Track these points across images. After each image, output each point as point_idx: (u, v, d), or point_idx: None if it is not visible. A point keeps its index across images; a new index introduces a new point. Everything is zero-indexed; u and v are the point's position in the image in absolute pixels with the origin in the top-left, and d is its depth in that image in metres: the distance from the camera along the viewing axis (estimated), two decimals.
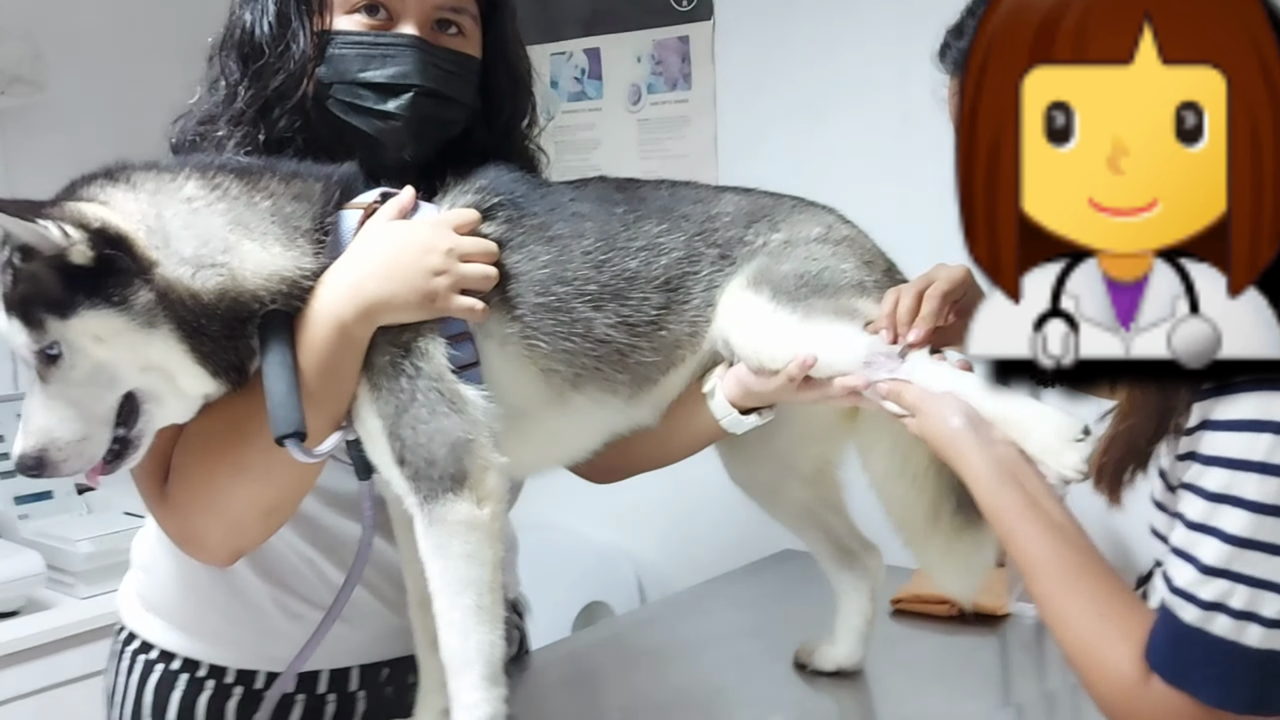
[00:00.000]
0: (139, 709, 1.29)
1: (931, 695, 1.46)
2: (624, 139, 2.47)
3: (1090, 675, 0.89)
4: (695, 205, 1.26)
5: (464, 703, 1.10)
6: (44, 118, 2.35)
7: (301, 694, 1.28)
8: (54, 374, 1.03)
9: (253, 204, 1.10)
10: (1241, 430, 0.80)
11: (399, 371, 1.10)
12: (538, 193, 1.23)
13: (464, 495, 1.09)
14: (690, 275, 1.22)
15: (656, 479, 1.41)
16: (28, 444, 1.03)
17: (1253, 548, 0.80)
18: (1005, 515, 0.97)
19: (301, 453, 1.05)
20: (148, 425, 1.07)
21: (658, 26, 2.40)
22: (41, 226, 0.99)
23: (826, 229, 1.26)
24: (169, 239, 1.05)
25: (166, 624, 1.30)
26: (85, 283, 1.01)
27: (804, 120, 2.21)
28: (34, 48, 2.41)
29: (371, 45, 1.19)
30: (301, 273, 1.09)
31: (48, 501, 2.37)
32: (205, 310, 1.05)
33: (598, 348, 1.18)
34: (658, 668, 1.61)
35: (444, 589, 1.10)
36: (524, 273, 1.17)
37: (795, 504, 1.42)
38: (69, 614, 2.13)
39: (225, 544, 1.16)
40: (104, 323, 1.02)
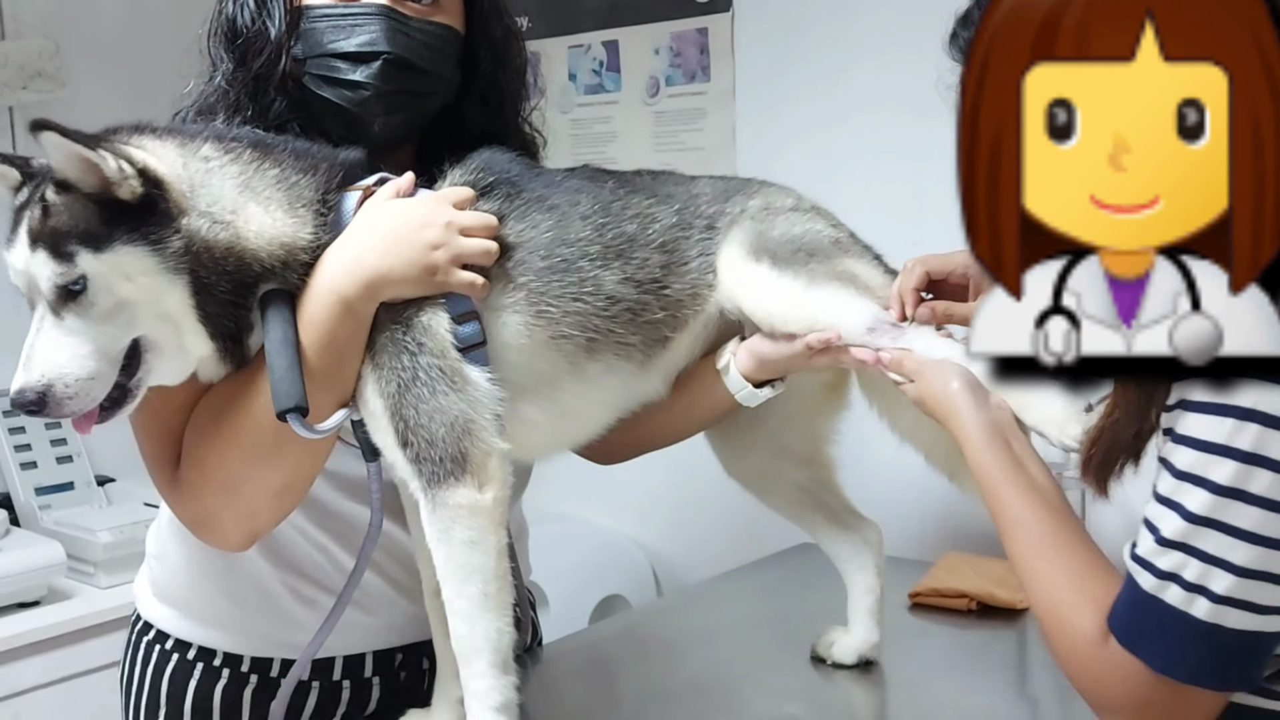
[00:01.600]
0: (155, 698, 1.31)
1: (948, 688, 1.45)
2: (641, 131, 2.47)
3: (1054, 633, 0.92)
4: (676, 186, 1.30)
5: (474, 691, 1.11)
6: (64, 113, 2.34)
7: (316, 681, 1.29)
8: (71, 309, 1.03)
9: (262, 171, 1.12)
10: (1212, 413, 0.81)
11: (401, 349, 1.10)
12: (532, 171, 1.25)
13: (465, 480, 1.10)
14: (684, 240, 1.25)
15: (672, 471, 1.42)
16: (31, 378, 1.02)
17: (1210, 526, 0.82)
18: (990, 473, 1.01)
19: (303, 428, 1.06)
20: (146, 376, 1.08)
21: (676, 19, 2.39)
22: (99, 156, 1.01)
23: (796, 200, 1.31)
24: (194, 190, 1.08)
25: (180, 613, 1.31)
26: (123, 220, 1.03)
27: (823, 113, 2.20)
28: (54, 43, 2.44)
29: (341, 17, 1.20)
30: (300, 243, 1.11)
31: (68, 492, 2.39)
32: (216, 266, 1.06)
33: (609, 306, 1.19)
34: (673, 659, 1.61)
35: (450, 576, 1.11)
36: (526, 240, 1.18)
37: (791, 487, 1.43)
38: (89, 603, 2.15)
39: (239, 527, 1.17)
40: (137, 261, 1.04)
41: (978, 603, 1.68)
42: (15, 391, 1.03)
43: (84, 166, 1.02)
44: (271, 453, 1.11)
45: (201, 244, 1.06)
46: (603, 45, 2.51)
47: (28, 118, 1.04)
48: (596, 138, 2.53)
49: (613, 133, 2.52)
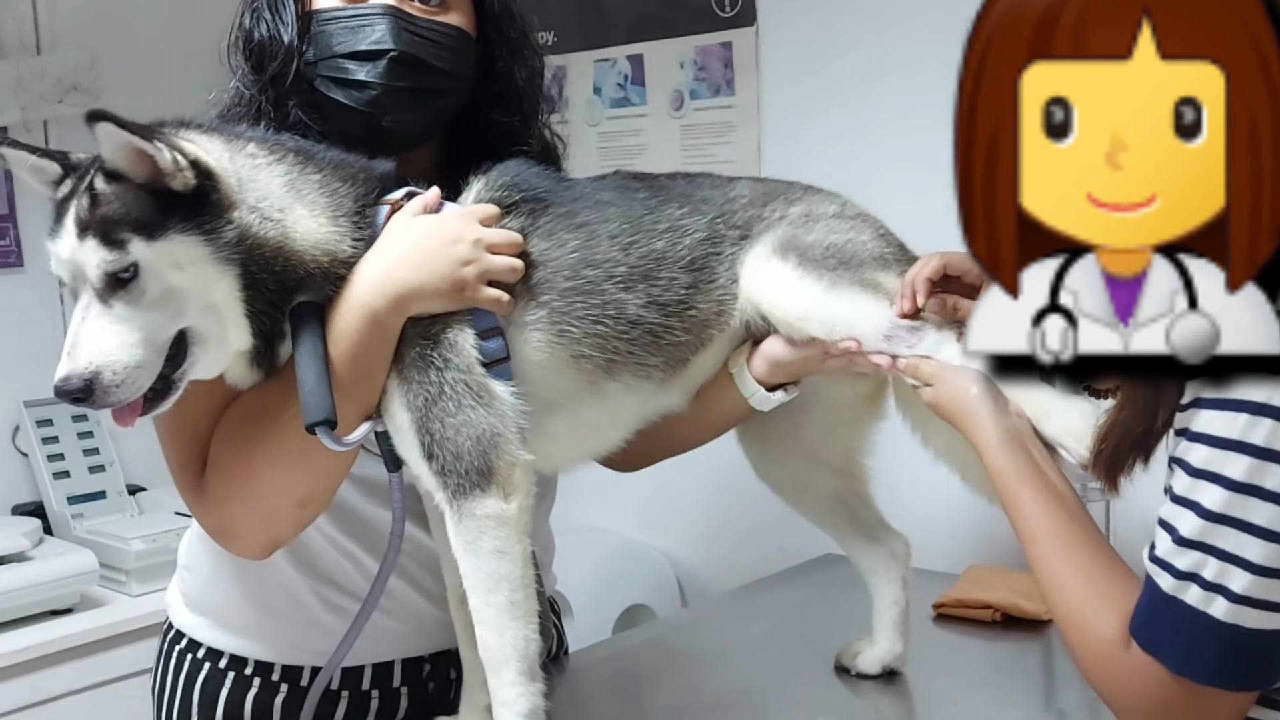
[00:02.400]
0: (187, 707, 1.32)
1: (974, 701, 1.45)
2: (667, 145, 2.47)
3: (1075, 639, 0.92)
4: (713, 190, 1.29)
5: (503, 699, 1.11)
6: None
7: (345, 690, 1.30)
8: (120, 297, 1.03)
9: (306, 175, 1.14)
10: (1225, 409, 0.81)
11: (428, 364, 1.12)
12: (560, 185, 1.25)
13: (491, 491, 1.11)
14: (714, 255, 1.24)
15: (697, 482, 1.42)
16: (77, 365, 1.00)
17: (1227, 523, 0.82)
18: (1010, 480, 1.02)
19: (332, 441, 1.07)
20: (190, 369, 1.08)
21: (701, 33, 2.39)
22: (155, 148, 1.02)
23: (841, 206, 1.30)
24: (242, 185, 1.09)
25: (211, 621, 1.32)
26: (176, 210, 1.04)
27: (849, 126, 2.21)
28: (89, 57, 2.47)
29: (348, 19, 1.21)
30: (341, 254, 1.12)
31: (100, 501, 2.42)
32: (266, 264, 1.08)
33: (630, 330, 1.19)
34: (699, 670, 1.61)
35: (476, 586, 1.12)
36: (552, 259, 1.19)
37: (823, 496, 1.43)
38: (121, 611, 2.18)
39: (260, 536, 1.18)
40: (190, 250, 1.05)
41: (1002, 614, 1.68)
42: (60, 379, 1.01)
43: (137, 157, 1.03)
44: (297, 463, 1.12)
45: (253, 238, 1.07)
46: (628, 59, 2.52)
47: (63, 131, 1.06)
48: (624, 150, 2.54)
49: (640, 145, 2.53)
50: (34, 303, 2.50)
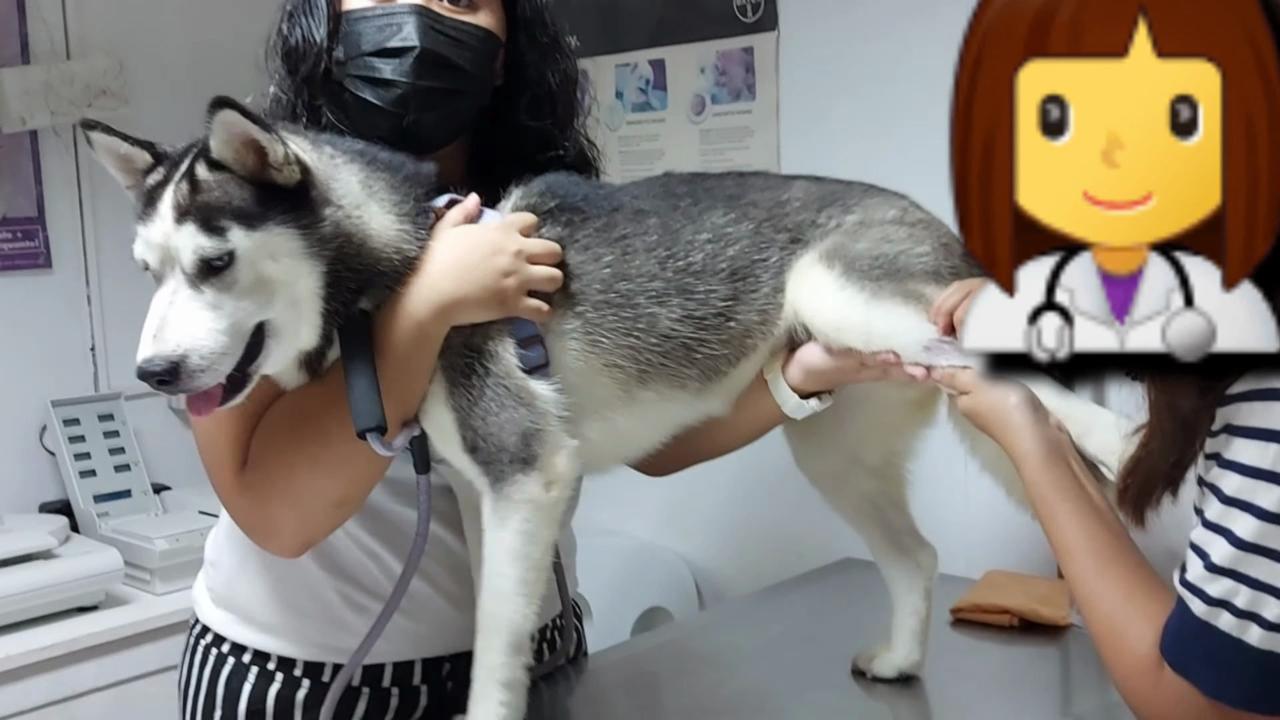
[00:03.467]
0: (211, 701, 1.33)
1: (991, 706, 1.45)
2: (687, 149, 2.48)
3: (1112, 655, 0.91)
4: (764, 192, 1.27)
5: (486, 664, 1.15)
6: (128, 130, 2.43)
7: (366, 687, 1.31)
8: (213, 283, 1.04)
9: (375, 174, 1.15)
10: (1258, 439, 0.80)
11: (470, 371, 1.14)
12: (599, 193, 1.25)
13: (533, 475, 1.13)
14: (759, 263, 1.22)
15: (716, 486, 1.42)
16: (165, 348, 1.01)
17: (1259, 553, 0.81)
18: (1049, 492, 1.00)
19: (382, 446, 1.09)
20: (264, 362, 1.09)
21: (722, 37, 2.40)
22: (271, 140, 1.05)
23: (902, 211, 1.26)
24: (330, 182, 1.11)
25: (236, 617, 1.33)
26: (279, 202, 1.06)
27: (868, 132, 2.21)
28: (118, 62, 2.49)
29: (377, 18, 1.22)
30: (409, 250, 1.14)
31: (126, 500, 2.44)
32: (349, 260, 1.10)
33: (662, 343, 1.19)
34: (716, 672, 1.62)
35: (495, 556, 1.14)
36: (587, 271, 1.19)
37: (858, 496, 1.42)
38: (145, 609, 2.19)
39: (297, 535, 1.20)
40: (287, 242, 1.07)
41: (1020, 619, 1.67)
42: (144, 359, 1.01)
43: (246, 148, 1.05)
44: (338, 466, 1.14)
45: (343, 234, 1.10)
46: (649, 64, 2.53)
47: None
48: (644, 155, 2.55)
49: (660, 150, 2.55)
50: (62, 304, 2.53)
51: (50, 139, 2.49)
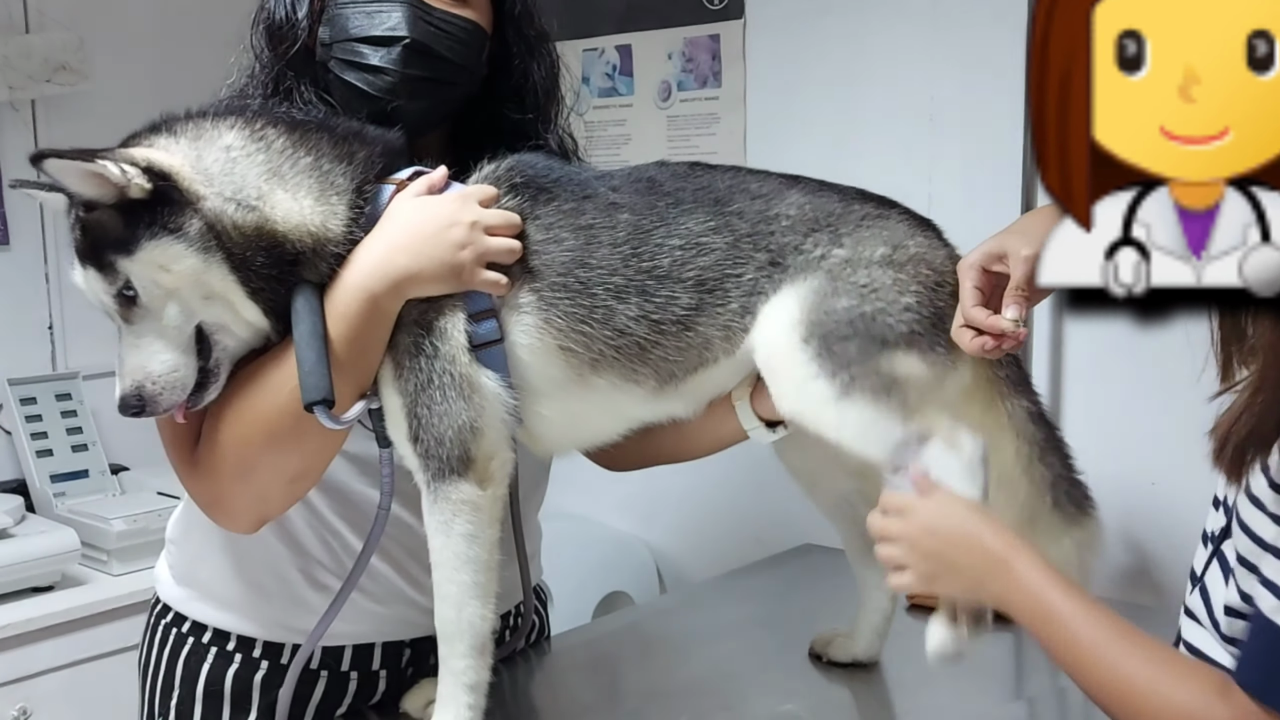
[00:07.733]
0: (170, 680, 1.33)
1: (944, 688, 1.46)
2: (653, 135, 2.49)
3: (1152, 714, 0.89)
4: (754, 201, 1.21)
5: (453, 668, 1.16)
6: (87, 106, 2.39)
7: (324, 670, 1.31)
8: (134, 314, 1.10)
9: (293, 157, 1.15)
10: None
11: (419, 351, 1.14)
12: (574, 177, 1.24)
13: (468, 477, 1.14)
14: (731, 278, 1.18)
15: (678, 471, 1.43)
16: (125, 386, 1.10)
17: None
18: (1038, 592, 0.97)
19: (329, 419, 1.09)
20: (222, 355, 1.13)
21: (689, 25, 2.40)
22: (99, 165, 1.05)
23: (893, 249, 1.19)
24: (211, 179, 1.11)
25: (195, 594, 1.33)
26: (144, 217, 1.08)
27: (832, 120, 2.22)
28: (78, 37, 2.45)
29: (367, 4, 1.23)
30: (330, 234, 1.13)
31: (83, 480, 2.42)
32: (249, 243, 1.10)
33: (616, 337, 1.18)
34: (675, 656, 1.63)
35: (443, 563, 1.16)
36: (546, 250, 1.19)
37: (835, 493, 1.42)
38: (102, 590, 2.17)
39: (251, 510, 1.20)
40: (164, 250, 1.08)
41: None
42: (118, 402, 1.11)
43: (93, 180, 1.06)
44: (290, 440, 1.14)
45: (229, 223, 1.10)
46: (616, 49, 2.53)
47: (51, 110, 1.08)
48: (610, 140, 2.55)
49: (626, 135, 2.54)
50: (20, 280, 2.49)
51: (8, 113, 2.44)
